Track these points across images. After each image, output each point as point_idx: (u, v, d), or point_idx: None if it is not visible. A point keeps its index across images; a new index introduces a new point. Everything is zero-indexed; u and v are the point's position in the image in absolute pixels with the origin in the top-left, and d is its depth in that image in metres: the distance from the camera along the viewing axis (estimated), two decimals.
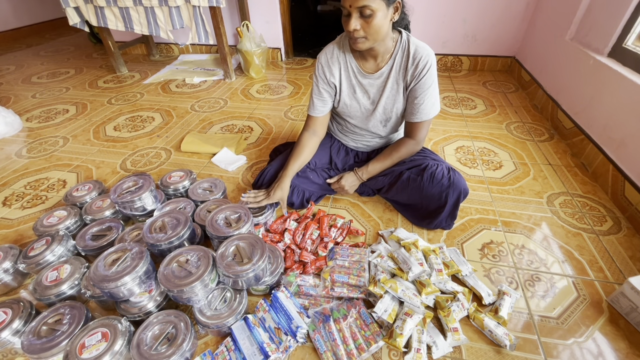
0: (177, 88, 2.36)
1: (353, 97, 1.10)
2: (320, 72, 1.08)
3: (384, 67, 1.02)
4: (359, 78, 1.06)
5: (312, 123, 1.16)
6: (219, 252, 0.88)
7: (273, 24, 2.66)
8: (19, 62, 2.99)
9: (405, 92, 1.05)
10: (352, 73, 1.06)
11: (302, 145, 1.15)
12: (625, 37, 1.38)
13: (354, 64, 1.05)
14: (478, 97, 2.12)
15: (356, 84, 1.08)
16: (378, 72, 1.04)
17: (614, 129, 1.32)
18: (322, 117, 1.15)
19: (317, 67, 1.09)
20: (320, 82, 1.09)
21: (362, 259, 1.00)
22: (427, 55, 0.97)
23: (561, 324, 0.86)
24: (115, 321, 0.78)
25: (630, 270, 1.00)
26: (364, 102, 1.10)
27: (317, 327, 0.84)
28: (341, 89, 1.09)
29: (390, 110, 1.09)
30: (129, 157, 1.61)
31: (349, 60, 1.05)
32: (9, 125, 1.80)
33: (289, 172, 1.13)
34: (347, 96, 1.11)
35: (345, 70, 1.07)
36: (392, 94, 1.06)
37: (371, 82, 1.06)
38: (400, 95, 1.06)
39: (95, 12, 2.20)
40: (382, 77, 1.04)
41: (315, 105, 1.13)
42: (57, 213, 1.14)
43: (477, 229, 1.15)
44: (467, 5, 2.29)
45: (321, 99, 1.11)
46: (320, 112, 1.13)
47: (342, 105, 1.13)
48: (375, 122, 1.14)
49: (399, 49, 1.00)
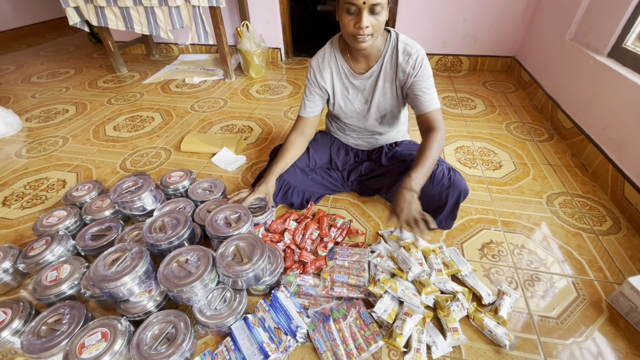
0: (177, 88, 2.36)
1: (347, 98, 1.12)
2: (312, 76, 1.11)
3: (374, 66, 1.04)
4: (350, 79, 1.08)
5: (301, 123, 1.18)
6: (218, 252, 0.88)
7: (273, 24, 2.66)
8: (19, 62, 2.99)
9: (398, 89, 1.06)
10: (344, 75, 1.08)
11: (290, 144, 1.18)
12: (625, 37, 1.38)
13: (345, 66, 1.07)
14: (478, 97, 2.13)
15: (348, 85, 1.10)
16: (368, 71, 1.05)
17: (614, 129, 1.32)
18: (311, 118, 1.17)
19: (309, 71, 1.12)
20: (311, 86, 1.12)
21: (361, 259, 1.00)
22: (418, 51, 1.00)
23: (561, 324, 0.86)
24: (115, 321, 0.78)
25: (630, 270, 1.00)
26: (358, 102, 1.12)
27: (317, 327, 0.84)
28: (334, 92, 1.12)
29: (384, 107, 1.11)
30: (129, 157, 1.61)
31: (340, 63, 1.07)
32: (8, 125, 1.80)
33: (275, 170, 1.16)
34: (340, 98, 1.12)
35: (337, 74, 1.09)
36: (384, 92, 1.08)
37: (362, 82, 1.08)
38: (392, 92, 1.07)
39: (95, 11, 2.20)
40: (373, 76, 1.06)
41: (305, 107, 1.15)
42: (57, 213, 1.14)
43: (476, 229, 1.15)
44: (467, 5, 2.29)
45: (312, 100, 1.14)
46: (309, 113, 1.15)
47: (337, 107, 1.15)
48: (372, 120, 1.15)
49: (388, 47, 1.01)
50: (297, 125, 1.18)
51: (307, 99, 1.14)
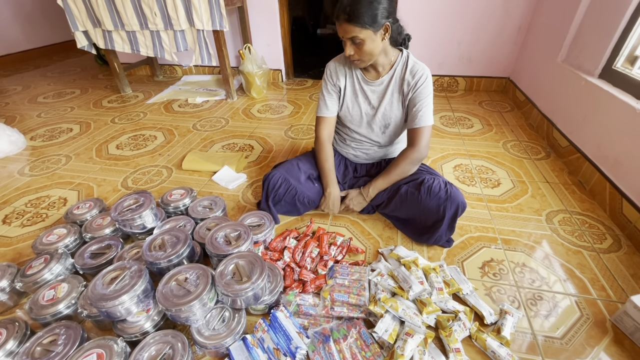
0: (180, 108, 2.41)
1: (355, 101, 1.18)
2: (328, 76, 1.19)
3: (384, 76, 1.12)
4: (362, 84, 1.16)
5: (326, 124, 1.22)
6: (218, 270, 0.87)
7: (274, 46, 2.75)
8: (26, 82, 3.06)
9: (403, 101, 1.13)
10: (357, 80, 1.16)
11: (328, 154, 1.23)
12: (615, 59, 1.43)
13: (358, 72, 1.16)
14: (475, 116, 2.17)
15: (359, 89, 1.17)
16: (379, 79, 1.13)
17: (609, 147, 1.35)
18: (333, 117, 1.23)
19: (325, 72, 1.20)
20: (328, 85, 1.19)
21: (362, 278, 0.99)
22: (424, 69, 1.09)
23: (565, 345, 0.85)
24: (111, 342, 0.77)
25: (633, 288, 0.99)
26: (365, 106, 1.18)
27: (317, 347, 0.83)
28: (345, 93, 1.19)
29: (389, 116, 1.16)
30: (131, 175, 1.62)
31: (354, 69, 1.16)
32: (13, 143, 1.83)
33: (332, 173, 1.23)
34: (350, 100, 1.19)
35: (350, 78, 1.17)
36: (391, 101, 1.14)
37: (373, 88, 1.15)
38: (398, 103, 1.14)
39: (103, 35, 2.28)
40: (383, 85, 1.13)
41: (327, 105, 1.20)
42: (57, 231, 1.14)
43: (477, 247, 1.15)
44: (461, 29, 2.38)
45: (330, 99, 1.20)
46: (331, 112, 1.21)
47: (344, 109, 1.21)
48: (375, 127, 1.20)
49: (399, 62, 1.11)
50: (322, 127, 1.23)
51: (326, 98, 1.20)
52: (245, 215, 1.18)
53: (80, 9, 2.18)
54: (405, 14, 2.38)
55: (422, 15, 2.38)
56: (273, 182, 1.18)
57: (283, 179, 1.18)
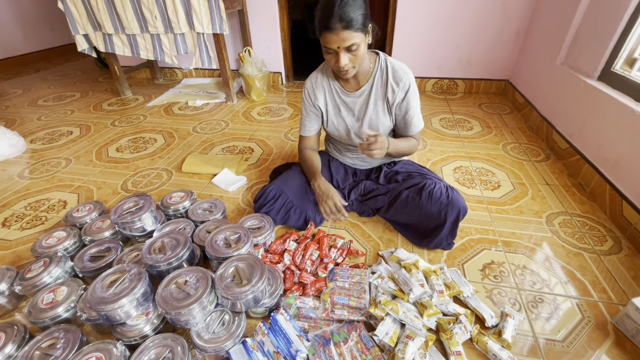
0: (180, 110, 2.42)
1: (339, 115, 1.18)
2: (306, 96, 1.19)
3: (364, 85, 1.11)
4: (342, 97, 1.15)
5: (307, 141, 1.27)
6: (218, 273, 0.87)
7: (274, 49, 2.76)
8: (27, 85, 3.07)
9: (389, 109, 1.12)
10: (336, 93, 1.15)
11: (310, 156, 1.25)
12: (613, 62, 1.43)
13: (336, 85, 1.14)
14: (474, 118, 2.17)
15: (340, 103, 1.16)
16: (359, 90, 1.12)
17: (608, 149, 1.35)
18: (314, 135, 1.27)
19: (304, 92, 1.21)
20: (307, 105, 1.20)
21: (362, 280, 0.99)
22: (405, 73, 1.07)
23: (567, 347, 0.84)
24: (111, 345, 0.77)
25: (634, 290, 0.99)
26: (350, 119, 1.17)
27: (317, 351, 0.82)
28: (327, 110, 1.19)
29: (375, 125, 1.15)
30: (130, 177, 1.62)
31: (332, 83, 1.15)
32: (12, 146, 1.83)
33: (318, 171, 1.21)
34: (333, 116, 1.19)
35: (330, 93, 1.16)
36: (375, 110, 1.13)
37: (354, 99, 1.14)
38: (384, 111, 1.13)
39: (103, 38, 2.29)
40: (364, 95, 1.13)
41: (305, 126, 1.24)
42: (57, 234, 1.13)
43: (477, 249, 1.14)
44: (460, 32, 2.39)
45: (309, 119, 1.22)
46: (310, 131, 1.25)
47: (330, 124, 1.21)
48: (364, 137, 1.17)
49: (377, 68, 1.09)
50: (305, 144, 1.27)
51: (305, 119, 1.23)
52: (245, 217, 1.18)
53: (80, 13, 2.18)
54: (405, 17, 2.39)
55: (421, 18, 2.38)
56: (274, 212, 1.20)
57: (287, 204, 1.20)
